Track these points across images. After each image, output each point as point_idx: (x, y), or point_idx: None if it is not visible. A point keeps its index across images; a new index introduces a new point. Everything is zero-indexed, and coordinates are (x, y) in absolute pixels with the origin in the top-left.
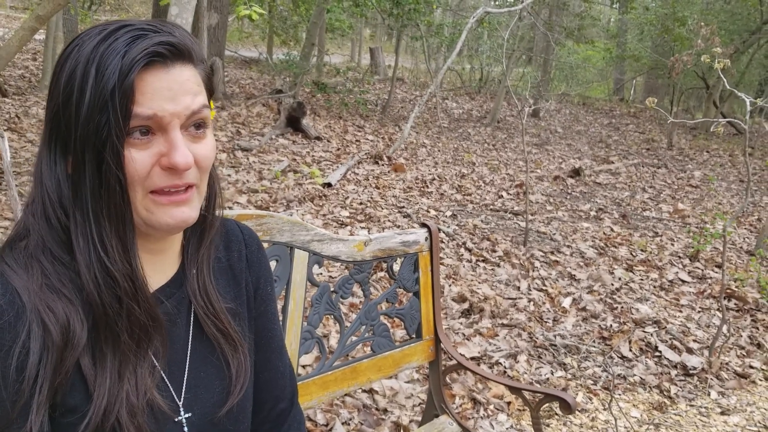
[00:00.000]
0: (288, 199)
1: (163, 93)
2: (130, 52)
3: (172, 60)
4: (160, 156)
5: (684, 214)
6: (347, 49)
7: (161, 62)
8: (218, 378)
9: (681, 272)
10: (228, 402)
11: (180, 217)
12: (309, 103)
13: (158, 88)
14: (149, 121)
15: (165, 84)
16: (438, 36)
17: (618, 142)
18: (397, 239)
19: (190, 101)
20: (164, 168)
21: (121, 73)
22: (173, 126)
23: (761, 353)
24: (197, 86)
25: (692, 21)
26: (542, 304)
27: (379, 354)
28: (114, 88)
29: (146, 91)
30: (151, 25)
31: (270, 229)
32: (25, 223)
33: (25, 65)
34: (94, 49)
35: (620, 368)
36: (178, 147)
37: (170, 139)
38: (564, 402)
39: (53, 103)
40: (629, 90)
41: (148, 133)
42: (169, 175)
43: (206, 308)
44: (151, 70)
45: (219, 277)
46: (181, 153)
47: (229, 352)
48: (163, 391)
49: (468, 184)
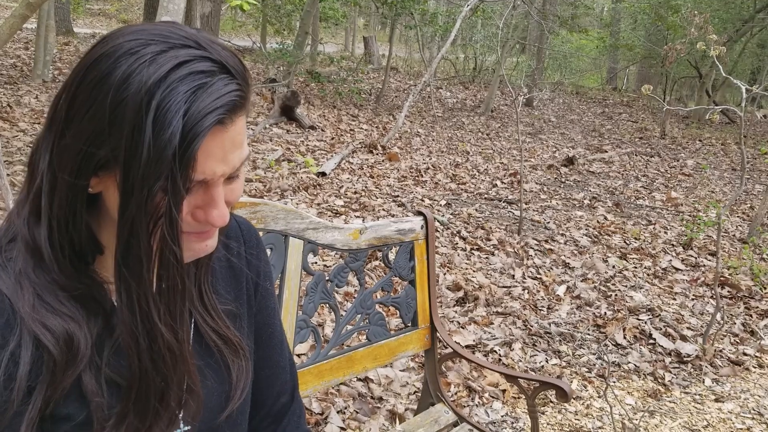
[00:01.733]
0: (282, 189)
1: (216, 154)
2: (194, 113)
3: (232, 119)
4: (196, 208)
5: (677, 203)
6: (341, 38)
7: (222, 125)
8: (218, 382)
9: (674, 260)
10: (228, 407)
11: (202, 251)
12: (303, 92)
13: (212, 149)
14: (196, 184)
15: (220, 145)
16: (432, 25)
17: (611, 131)
18: (393, 227)
19: (238, 157)
20: (198, 220)
21: (184, 141)
22: (217, 184)
23: (755, 340)
24: (244, 135)
25: (685, 9)
26: (537, 292)
27: (374, 343)
28: (174, 158)
29: (203, 156)
30: (208, 58)
31: (264, 217)
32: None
33: (17, 54)
34: (150, 89)
35: (615, 356)
36: (218, 206)
37: (210, 195)
38: (560, 390)
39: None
40: (622, 79)
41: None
42: (199, 226)
43: (206, 313)
44: (211, 133)
45: (219, 277)
46: (219, 213)
47: (230, 356)
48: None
49: (462, 173)
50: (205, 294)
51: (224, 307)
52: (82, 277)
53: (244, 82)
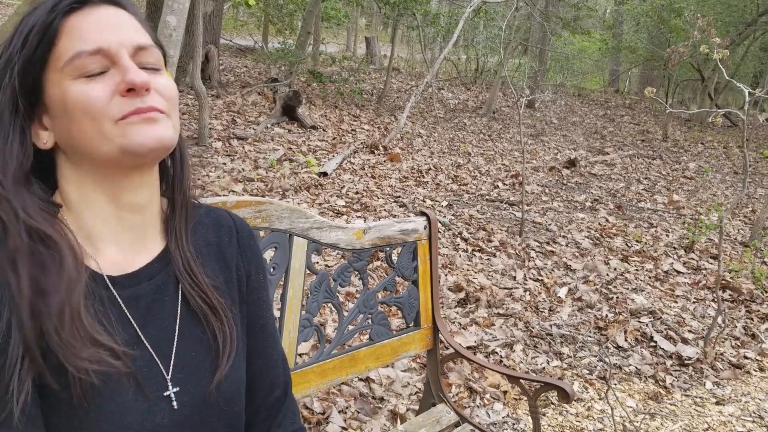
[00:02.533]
0: (284, 188)
1: (102, 27)
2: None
3: (103, 2)
4: (117, 84)
5: (679, 206)
6: (343, 38)
7: (91, 4)
8: (208, 355)
9: (676, 263)
10: (217, 373)
11: (155, 135)
12: (304, 92)
13: (96, 21)
14: (99, 57)
15: (101, 19)
16: (434, 26)
17: (613, 133)
18: (396, 227)
19: (134, 34)
20: (124, 94)
21: (45, 13)
22: (121, 54)
23: (756, 344)
24: (137, 26)
25: (688, 12)
26: (538, 294)
27: (377, 342)
28: (39, 25)
29: (83, 27)
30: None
31: (269, 216)
32: None
33: None
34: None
35: (616, 358)
36: (130, 68)
37: (122, 64)
38: (562, 391)
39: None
40: (625, 81)
41: (101, 73)
42: (131, 100)
43: (192, 281)
44: (82, 10)
45: (208, 259)
46: (135, 72)
47: (216, 324)
48: (150, 365)
49: (464, 174)
50: (191, 262)
51: (212, 282)
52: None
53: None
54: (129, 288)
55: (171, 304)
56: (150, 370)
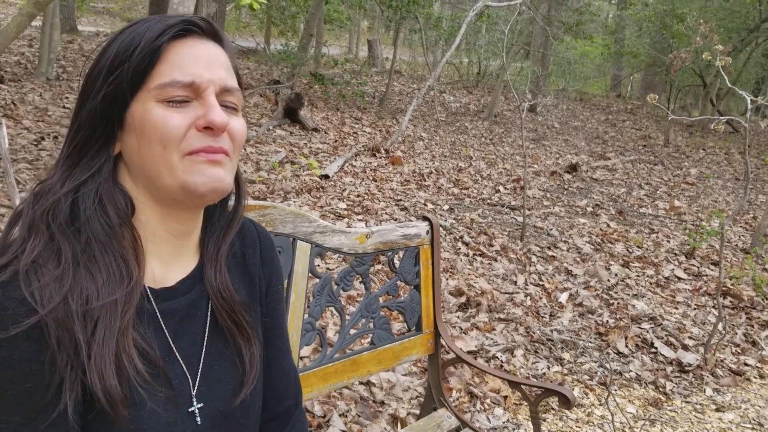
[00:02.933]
0: (285, 191)
1: (200, 60)
2: (167, 21)
3: (207, 36)
4: (197, 118)
5: (680, 212)
6: (345, 40)
7: (197, 34)
8: (231, 371)
9: (677, 269)
10: (242, 393)
11: (216, 176)
12: (306, 94)
13: (195, 54)
14: (188, 89)
15: (201, 52)
16: (436, 29)
17: (615, 138)
18: (399, 232)
19: (224, 75)
20: (200, 129)
21: (152, 36)
22: (209, 92)
23: (756, 351)
24: (229, 68)
25: (691, 18)
26: (539, 299)
27: (379, 347)
28: (142, 47)
29: (183, 54)
30: (187, 17)
31: (273, 220)
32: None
33: (21, 52)
34: (131, 26)
35: (616, 364)
36: (214, 107)
37: (207, 102)
38: (563, 397)
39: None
40: (626, 86)
41: (185, 102)
42: (204, 136)
43: (222, 299)
44: (187, 39)
45: (234, 271)
46: (218, 113)
47: (243, 344)
48: (181, 378)
49: (465, 178)
50: (226, 281)
51: (239, 298)
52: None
53: (219, 28)
54: (166, 301)
55: (201, 319)
56: (180, 382)
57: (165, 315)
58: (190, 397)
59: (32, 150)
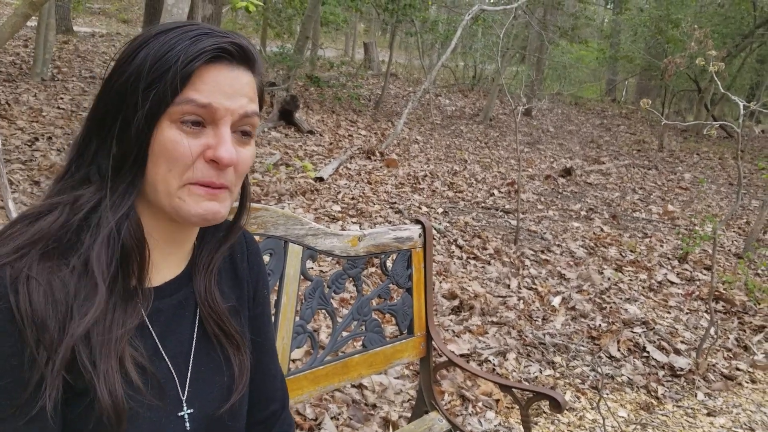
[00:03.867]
0: (280, 193)
1: (223, 88)
2: (198, 43)
3: (237, 61)
4: (207, 147)
5: (673, 216)
6: (341, 43)
7: (228, 60)
8: (218, 375)
9: (670, 273)
10: (231, 399)
11: (211, 209)
12: (302, 96)
13: (219, 82)
14: (203, 110)
15: (226, 80)
16: (432, 32)
17: (609, 142)
18: (391, 235)
19: (245, 103)
20: (208, 160)
21: (185, 60)
22: (225, 122)
23: (748, 355)
24: (254, 93)
25: (686, 23)
26: (532, 303)
27: (370, 349)
28: (173, 72)
29: (207, 81)
30: (220, 30)
31: (265, 222)
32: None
33: (16, 52)
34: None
35: (608, 368)
36: (226, 141)
37: (219, 133)
38: (554, 401)
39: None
40: (621, 91)
41: (199, 125)
42: (210, 169)
43: (210, 309)
44: (216, 64)
45: (223, 276)
46: (227, 148)
47: (231, 351)
48: (170, 383)
49: (460, 181)
50: (213, 289)
51: (228, 304)
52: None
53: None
54: (153, 301)
55: (190, 321)
56: (167, 383)
57: (151, 315)
58: (180, 401)
59: (26, 151)
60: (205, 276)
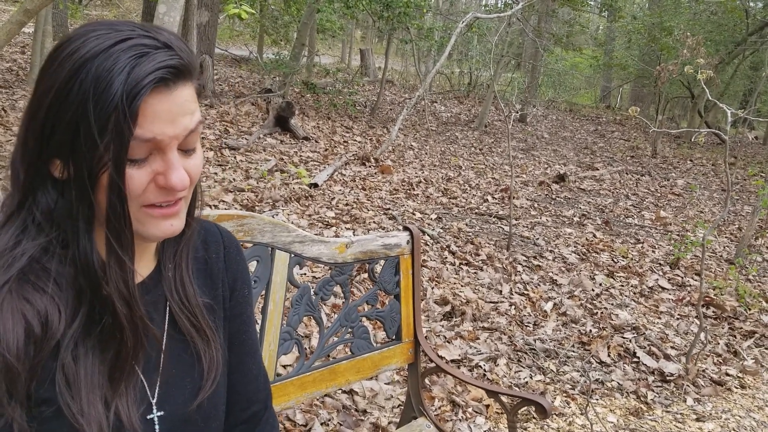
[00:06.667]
0: (274, 199)
1: (164, 116)
2: (136, 74)
3: (174, 82)
4: (156, 174)
5: (666, 222)
6: (337, 50)
7: (166, 83)
8: (189, 375)
9: (661, 279)
10: (199, 395)
11: (169, 230)
12: (298, 103)
13: (159, 111)
14: (147, 144)
15: (166, 107)
16: (428, 39)
17: (603, 149)
18: (379, 242)
19: (188, 121)
20: (160, 187)
21: (128, 97)
22: (171, 147)
23: (738, 361)
24: (194, 103)
25: (679, 31)
26: (523, 308)
27: (358, 356)
28: (118, 113)
29: (147, 114)
30: (151, 38)
31: (251, 229)
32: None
33: (13, 58)
34: (96, 58)
35: (598, 373)
36: (175, 168)
37: (167, 159)
38: (540, 406)
39: (43, 101)
40: (615, 97)
41: (145, 158)
42: (162, 193)
43: (181, 303)
44: (154, 93)
45: (197, 275)
46: (178, 175)
47: (202, 347)
48: (138, 388)
49: (454, 187)
50: (184, 281)
51: (202, 299)
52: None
53: (188, 57)
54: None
55: (159, 323)
56: (135, 388)
57: None
58: (150, 404)
59: None
60: (173, 270)
